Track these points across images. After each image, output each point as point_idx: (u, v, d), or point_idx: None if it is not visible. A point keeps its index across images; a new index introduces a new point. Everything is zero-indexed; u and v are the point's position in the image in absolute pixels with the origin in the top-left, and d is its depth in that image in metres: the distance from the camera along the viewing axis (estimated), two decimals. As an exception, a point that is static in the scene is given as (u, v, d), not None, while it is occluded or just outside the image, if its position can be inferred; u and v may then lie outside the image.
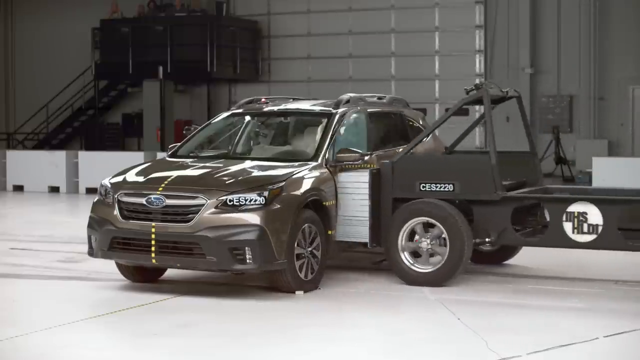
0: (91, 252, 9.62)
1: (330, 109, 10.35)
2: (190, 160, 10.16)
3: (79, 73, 28.85)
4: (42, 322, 8.08)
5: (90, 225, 9.58)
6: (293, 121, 10.75)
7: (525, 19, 24.82)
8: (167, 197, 9.04)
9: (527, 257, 11.23)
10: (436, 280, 9.58)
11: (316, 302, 9.07)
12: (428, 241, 9.61)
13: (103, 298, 9.26)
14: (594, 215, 9.18)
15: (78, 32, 28.63)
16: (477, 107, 25.61)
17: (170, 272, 10.37)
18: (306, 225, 9.21)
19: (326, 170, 9.68)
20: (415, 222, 9.65)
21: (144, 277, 9.89)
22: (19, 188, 22.29)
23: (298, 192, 9.15)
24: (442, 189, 9.65)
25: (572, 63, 24.61)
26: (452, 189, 9.62)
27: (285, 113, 10.78)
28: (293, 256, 9.06)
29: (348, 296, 9.35)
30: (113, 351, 7.28)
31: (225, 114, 11.18)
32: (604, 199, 9.38)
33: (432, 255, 9.68)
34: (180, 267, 9.40)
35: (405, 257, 9.72)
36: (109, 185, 9.53)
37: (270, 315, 8.56)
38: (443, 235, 9.55)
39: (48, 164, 22.16)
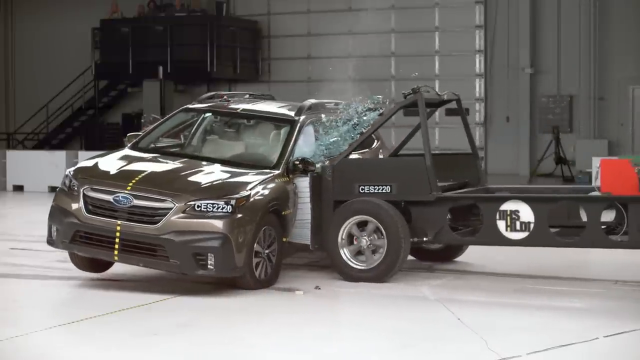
0: (51, 242, 9.79)
1: (293, 115, 10.43)
2: (155, 155, 10.23)
3: (79, 73, 28.85)
4: (42, 322, 8.08)
5: (52, 215, 9.74)
6: (255, 124, 10.77)
7: (525, 19, 24.82)
8: (136, 197, 9.18)
9: (527, 257, 11.24)
10: (375, 276, 9.79)
11: (316, 302, 9.07)
12: (366, 238, 9.82)
13: (103, 298, 9.26)
14: (526, 213, 9.46)
15: (78, 32, 28.63)
16: (477, 106, 25.63)
17: (170, 273, 10.36)
18: (266, 227, 9.40)
19: (287, 179, 9.84)
20: (354, 220, 9.87)
21: (96, 268, 10.12)
22: (19, 188, 22.29)
23: (261, 202, 9.32)
24: (380, 191, 9.89)
25: (572, 63, 24.61)
26: (389, 190, 9.87)
27: (248, 115, 10.79)
28: (252, 258, 9.24)
29: (348, 296, 9.36)
30: (113, 351, 7.28)
31: (192, 106, 11.15)
32: (534, 197, 9.66)
33: (373, 252, 9.89)
34: (142, 266, 9.54)
35: (345, 255, 9.92)
36: (74, 178, 9.63)
37: (270, 315, 8.56)
38: (381, 234, 9.76)
39: (48, 164, 22.16)
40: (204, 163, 9.92)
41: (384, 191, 9.89)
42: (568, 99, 24.78)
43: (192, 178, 9.45)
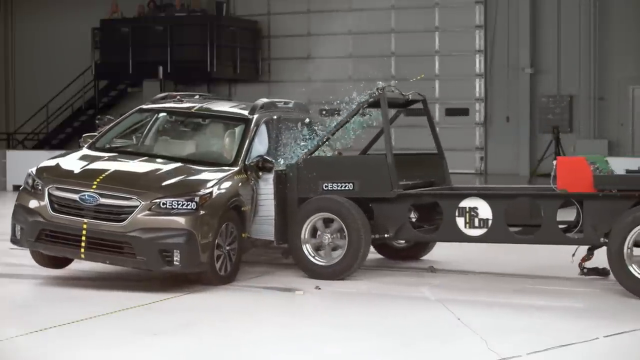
0: (15, 241, 9.87)
1: (247, 113, 10.59)
2: (114, 155, 10.36)
3: (79, 73, 28.84)
4: (42, 322, 8.08)
5: (15, 214, 9.86)
6: (210, 123, 10.91)
7: (525, 19, 24.81)
8: (102, 195, 9.34)
9: (527, 257, 11.24)
10: (336, 273, 9.96)
11: (316, 302, 9.08)
12: (329, 236, 9.99)
13: (103, 298, 9.26)
14: (484, 210, 9.62)
15: (78, 32, 28.61)
16: (477, 106, 25.64)
17: (170, 273, 10.38)
18: (226, 224, 9.59)
19: (245, 176, 10.01)
20: (316, 217, 10.04)
21: (57, 264, 10.25)
22: (19, 188, 22.24)
23: (223, 199, 9.52)
24: (343, 188, 10.07)
25: (572, 63, 24.60)
26: (352, 188, 10.04)
27: (203, 115, 10.96)
28: (214, 255, 9.44)
29: (348, 296, 9.36)
30: (113, 351, 7.28)
31: (147, 106, 11.31)
32: (492, 194, 9.81)
33: (334, 249, 10.06)
34: (108, 264, 9.69)
35: (308, 251, 10.08)
36: (38, 177, 9.74)
37: (270, 315, 8.56)
38: (343, 231, 9.91)
39: (48, 164, 22.13)
40: (164, 161, 10.08)
41: (346, 189, 10.07)
42: (568, 99, 24.77)
43: (154, 177, 9.63)
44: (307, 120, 11.35)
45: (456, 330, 7.82)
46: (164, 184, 9.44)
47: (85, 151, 10.52)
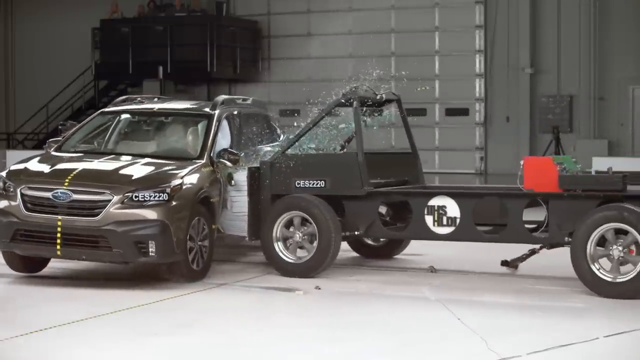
0: None
1: (209, 109, 10.84)
2: (80, 155, 10.52)
3: (79, 73, 28.86)
4: (42, 322, 8.08)
5: None
6: (173, 120, 11.11)
7: (525, 19, 24.82)
8: (74, 192, 9.48)
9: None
10: (307, 270, 10.08)
11: (316, 302, 9.08)
12: (300, 234, 10.12)
13: (103, 298, 9.26)
14: (452, 209, 9.72)
15: (78, 32, 28.63)
16: (477, 106, 25.64)
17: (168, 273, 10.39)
18: (197, 219, 9.76)
19: (212, 168, 10.22)
20: (287, 215, 10.17)
21: (31, 268, 10.32)
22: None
23: (193, 190, 9.73)
24: (314, 186, 10.23)
25: (572, 63, 24.61)
26: (323, 185, 10.20)
27: (166, 113, 11.19)
28: (187, 248, 9.61)
29: (348, 296, 9.36)
30: (113, 351, 7.28)
31: (109, 109, 11.53)
32: (460, 193, 9.92)
33: (305, 247, 10.18)
34: (84, 259, 9.85)
35: (279, 249, 10.21)
36: (9, 179, 9.83)
37: (270, 315, 8.56)
38: (315, 230, 10.05)
39: (48, 164, 22.12)
40: (131, 159, 10.26)
41: (318, 186, 10.22)
42: (568, 99, 24.79)
43: (125, 171, 9.81)
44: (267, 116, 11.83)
45: (456, 330, 7.82)
46: (134, 177, 9.63)
47: (52, 154, 10.69)
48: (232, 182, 10.46)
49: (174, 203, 9.45)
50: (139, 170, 9.81)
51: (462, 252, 11.54)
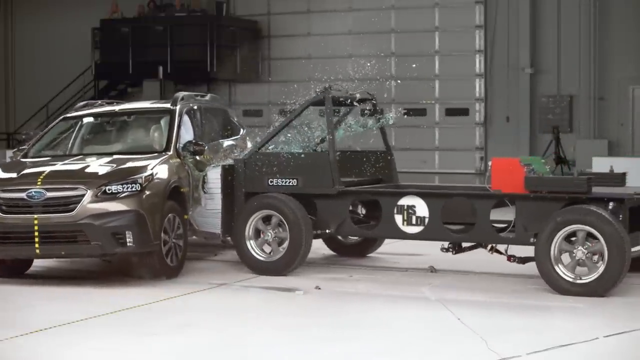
0: None
1: (169, 105, 11.14)
2: (48, 159, 10.71)
3: (79, 73, 28.82)
4: (42, 322, 8.08)
5: None
6: (136, 119, 11.42)
7: (525, 19, 24.79)
8: (48, 190, 9.64)
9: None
10: (278, 268, 10.28)
11: (316, 302, 9.08)
12: (271, 232, 10.30)
13: (103, 298, 9.26)
14: (421, 208, 9.89)
15: (78, 32, 28.58)
16: (477, 106, 25.63)
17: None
18: (170, 215, 10.03)
19: (179, 160, 10.54)
20: (260, 214, 10.36)
21: (10, 273, 10.41)
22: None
23: (164, 179, 10.04)
24: (287, 184, 10.43)
25: (572, 63, 24.58)
26: (296, 184, 10.40)
27: (128, 112, 11.48)
28: (161, 242, 9.84)
29: (348, 296, 9.36)
30: (113, 351, 7.28)
31: (71, 114, 11.72)
32: (429, 193, 10.14)
33: (278, 244, 10.37)
34: (64, 256, 10.11)
35: (251, 247, 10.41)
36: None
37: (270, 315, 8.57)
38: (286, 228, 10.23)
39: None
40: (99, 157, 10.47)
41: (290, 184, 10.41)
42: (568, 99, 24.76)
43: (95, 168, 10.07)
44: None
45: (456, 330, 7.82)
46: (106, 171, 9.89)
47: (20, 160, 10.86)
48: (205, 188, 10.71)
49: (147, 193, 9.70)
50: (108, 165, 10.06)
51: (462, 253, 11.54)
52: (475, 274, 10.57)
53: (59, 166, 10.28)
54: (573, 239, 9.21)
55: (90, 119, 11.44)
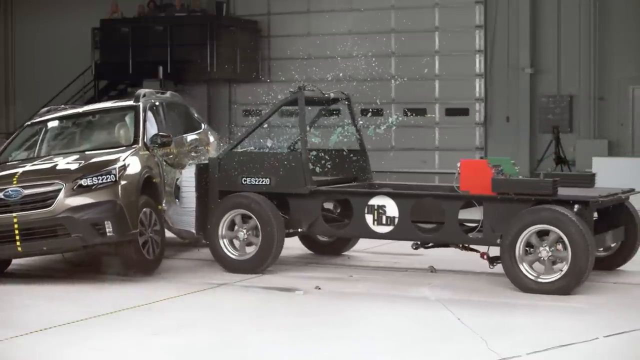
0: None
1: (132, 102, 11.37)
2: (18, 162, 10.82)
3: (79, 73, 28.83)
4: (42, 322, 8.08)
5: None
6: (101, 118, 11.63)
7: (525, 19, 24.79)
8: (24, 187, 9.78)
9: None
10: (251, 267, 10.40)
11: (316, 302, 9.08)
12: (244, 231, 10.42)
13: (103, 298, 9.27)
14: (391, 208, 10.02)
15: (78, 32, 28.58)
16: (477, 106, 25.64)
17: (169, 272, 10.40)
18: (146, 209, 10.24)
19: (148, 152, 10.77)
20: (232, 213, 10.50)
21: None
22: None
23: (137, 170, 10.25)
24: (260, 183, 10.55)
25: (572, 63, 24.58)
26: (268, 183, 10.51)
27: (93, 112, 11.71)
28: (138, 232, 10.00)
29: (348, 296, 9.36)
30: (113, 351, 7.28)
31: (36, 120, 11.88)
32: (399, 193, 10.28)
33: (251, 243, 10.52)
34: (46, 252, 10.18)
35: (224, 245, 10.53)
36: None
37: (270, 315, 8.56)
38: (258, 227, 10.35)
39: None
40: (69, 155, 10.68)
41: (263, 183, 10.53)
42: (568, 99, 24.76)
43: (69, 163, 10.25)
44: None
45: (456, 330, 7.82)
46: (80, 165, 10.09)
47: None
48: (178, 199, 10.89)
49: (122, 183, 9.91)
50: (78, 161, 10.24)
51: (461, 252, 11.53)
52: (475, 274, 10.57)
53: (30, 167, 10.43)
54: (540, 238, 9.30)
55: (55, 123, 11.61)
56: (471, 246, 10.18)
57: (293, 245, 11.96)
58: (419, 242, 10.32)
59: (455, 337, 7.63)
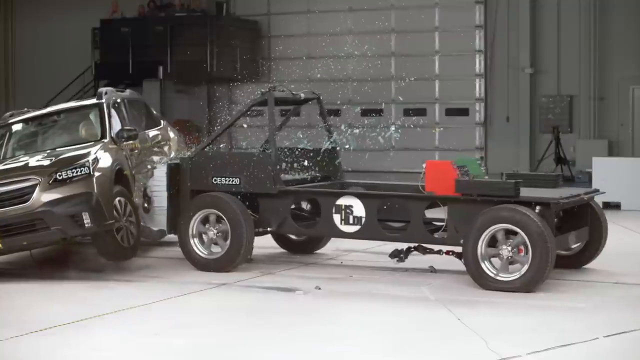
0: None
1: (95, 100, 11.61)
2: None
3: (79, 73, 28.84)
4: (42, 322, 8.08)
5: None
6: (66, 117, 11.78)
7: (525, 19, 24.79)
8: (0, 185, 9.92)
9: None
10: (221, 265, 10.50)
11: (316, 302, 9.08)
12: (214, 230, 10.53)
13: (103, 298, 9.27)
14: (358, 208, 10.13)
15: (78, 32, 28.59)
16: (477, 106, 25.64)
17: (168, 272, 10.40)
18: (118, 199, 10.44)
19: (116, 146, 10.95)
20: (203, 213, 10.59)
21: None
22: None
23: (109, 162, 10.49)
24: (230, 182, 10.66)
25: (572, 63, 24.58)
26: (238, 183, 10.62)
27: (57, 112, 11.89)
28: (114, 224, 10.25)
29: (348, 296, 9.36)
30: (113, 351, 7.28)
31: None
32: (366, 194, 10.42)
33: (218, 243, 10.61)
34: (26, 247, 10.37)
35: (195, 244, 10.64)
36: None
37: (270, 315, 8.56)
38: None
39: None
40: (40, 153, 10.76)
41: (233, 183, 10.64)
42: (568, 99, 24.77)
43: (40, 160, 10.41)
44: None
45: (456, 330, 7.82)
46: (53, 160, 10.23)
47: None
48: (148, 203, 11.05)
49: (96, 175, 10.11)
50: (52, 157, 10.39)
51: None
52: (475, 274, 10.55)
53: (2, 166, 10.54)
54: (506, 237, 9.41)
55: (20, 126, 11.74)
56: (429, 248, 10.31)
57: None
58: (398, 259, 10.34)
59: (455, 337, 7.64)
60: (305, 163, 11.50)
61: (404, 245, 10.37)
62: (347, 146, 11.65)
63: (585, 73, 24.46)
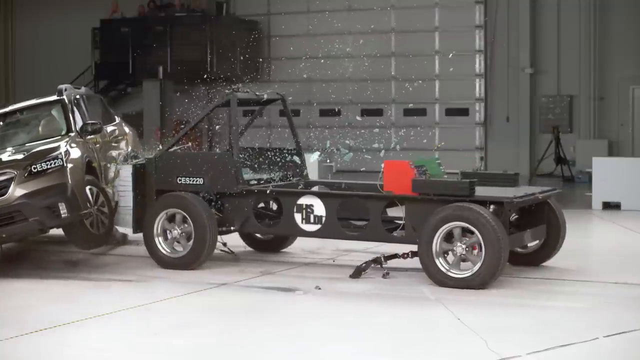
0: None
1: (57, 97, 11.73)
2: None
3: (79, 73, 28.86)
4: (42, 322, 8.08)
5: None
6: (28, 114, 11.94)
7: (525, 19, 24.82)
8: None
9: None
10: (185, 264, 10.63)
11: (316, 302, 9.08)
12: (178, 229, 10.69)
13: (103, 298, 9.26)
14: (319, 208, 10.32)
15: (78, 32, 28.62)
16: (477, 106, 25.65)
17: (167, 272, 10.40)
18: (89, 187, 10.68)
19: (82, 140, 11.17)
20: (167, 212, 10.74)
21: None
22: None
23: (79, 154, 10.74)
24: (194, 183, 10.81)
25: (572, 63, 24.61)
26: (202, 183, 10.77)
27: (19, 109, 12.00)
28: (88, 213, 10.50)
29: (348, 296, 9.36)
30: (113, 351, 7.28)
31: None
32: (326, 193, 10.65)
33: (186, 240, 10.70)
34: (5, 239, 10.52)
35: (159, 242, 10.79)
36: None
37: (270, 315, 8.56)
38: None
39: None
40: (7, 149, 10.96)
41: (197, 183, 10.79)
42: (568, 99, 24.79)
43: (11, 155, 10.59)
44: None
45: (456, 330, 7.82)
46: (26, 154, 10.40)
47: None
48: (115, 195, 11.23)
49: (69, 166, 10.33)
50: (23, 151, 10.54)
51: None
52: (475, 274, 10.55)
53: None
54: (463, 235, 9.53)
55: None
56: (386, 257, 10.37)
57: (293, 246, 11.98)
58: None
59: (455, 337, 7.63)
60: (269, 163, 11.60)
61: (362, 264, 10.30)
62: (338, 154, 11.83)
63: (585, 73, 24.48)
